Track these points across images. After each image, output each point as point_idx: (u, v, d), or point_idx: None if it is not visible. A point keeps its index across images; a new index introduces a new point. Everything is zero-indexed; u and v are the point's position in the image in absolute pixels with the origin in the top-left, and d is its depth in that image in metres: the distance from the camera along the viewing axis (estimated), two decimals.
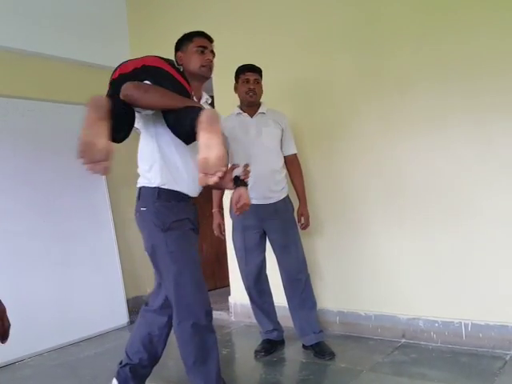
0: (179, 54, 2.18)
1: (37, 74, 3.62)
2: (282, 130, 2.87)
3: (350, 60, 3.09)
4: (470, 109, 2.71)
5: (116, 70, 2.04)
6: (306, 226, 2.95)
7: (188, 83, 2.06)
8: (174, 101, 1.85)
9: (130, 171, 2.42)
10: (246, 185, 2.13)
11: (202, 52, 2.13)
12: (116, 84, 1.93)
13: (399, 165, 2.96)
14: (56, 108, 3.66)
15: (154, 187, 2.06)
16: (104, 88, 1.99)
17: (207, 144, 1.64)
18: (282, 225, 2.81)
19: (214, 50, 2.20)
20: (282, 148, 2.89)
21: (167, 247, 2.02)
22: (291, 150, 2.91)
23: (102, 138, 1.53)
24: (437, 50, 2.78)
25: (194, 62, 2.12)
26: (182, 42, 2.19)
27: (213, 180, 1.64)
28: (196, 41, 2.15)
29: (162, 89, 1.86)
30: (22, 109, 3.46)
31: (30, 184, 3.36)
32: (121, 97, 1.82)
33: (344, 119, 3.14)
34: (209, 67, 2.15)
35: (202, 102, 2.18)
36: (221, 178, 1.69)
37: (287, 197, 2.89)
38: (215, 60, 2.19)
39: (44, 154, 3.49)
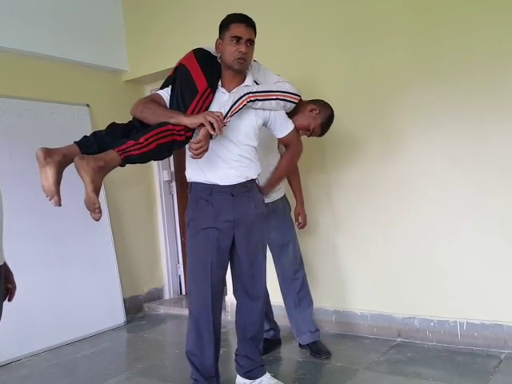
0: (219, 40, 2.16)
1: (33, 74, 3.61)
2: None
3: (345, 59, 3.10)
4: (465, 108, 2.72)
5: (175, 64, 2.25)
6: (303, 226, 2.96)
7: (211, 75, 2.13)
8: (159, 118, 2.02)
9: (126, 172, 2.43)
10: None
11: (237, 42, 2.07)
12: (164, 83, 2.23)
13: (394, 164, 2.97)
14: (52, 108, 3.66)
15: (188, 182, 2.25)
16: (99, 88, 2.02)
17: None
18: (279, 224, 2.81)
19: (254, 38, 2.12)
20: (278, 148, 2.89)
21: (187, 241, 2.25)
22: None
23: (48, 181, 1.81)
24: (433, 50, 2.80)
25: (227, 54, 2.11)
26: (221, 29, 2.14)
27: (96, 216, 1.82)
28: (232, 29, 2.08)
29: (154, 107, 2.06)
30: (18, 109, 3.46)
31: (26, 184, 3.35)
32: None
33: (338, 118, 3.15)
34: (240, 60, 2.09)
35: (242, 85, 2.16)
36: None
37: (284, 196, 2.89)
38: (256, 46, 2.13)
39: None
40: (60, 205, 1.85)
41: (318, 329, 2.88)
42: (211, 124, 1.94)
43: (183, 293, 4.50)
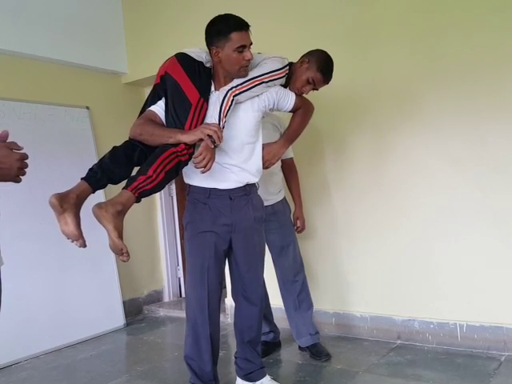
0: (214, 49, 2.04)
1: (33, 76, 3.62)
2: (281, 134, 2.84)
3: (345, 60, 3.09)
4: (465, 109, 2.73)
5: (158, 71, 2.20)
6: (301, 230, 2.96)
7: (201, 83, 2.08)
8: (158, 139, 2.01)
9: None
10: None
11: (241, 51, 2.01)
12: (151, 93, 2.20)
13: (393, 166, 2.98)
14: (52, 110, 3.66)
15: (186, 184, 2.24)
16: (99, 90, 2.02)
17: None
18: (279, 226, 2.81)
19: (252, 38, 2.05)
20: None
21: (185, 244, 2.27)
22: (288, 153, 2.87)
23: (68, 227, 1.83)
24: (433, 51, 2.80)
25: (232, 63, 2.03)
26: (218, 38, 2.01)
27: (124, 258, 1.93)
28: (234, 39, 1.99)
29: (151, 129, 2.04)
30: (18, 111, 3.46)
31: (26, 186, 3.34)
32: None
33: (338, 119, 3.16)
34: (246, 67, 2.06)
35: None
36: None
37: (284, 198, 2.89)
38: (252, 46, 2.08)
39: (40, 156, 3.48)
40: (85, 246, 1.89)
41: (318, 331, 2.88)
42: (210, 136, 1.91)
43: (183, 295, 4.50)
